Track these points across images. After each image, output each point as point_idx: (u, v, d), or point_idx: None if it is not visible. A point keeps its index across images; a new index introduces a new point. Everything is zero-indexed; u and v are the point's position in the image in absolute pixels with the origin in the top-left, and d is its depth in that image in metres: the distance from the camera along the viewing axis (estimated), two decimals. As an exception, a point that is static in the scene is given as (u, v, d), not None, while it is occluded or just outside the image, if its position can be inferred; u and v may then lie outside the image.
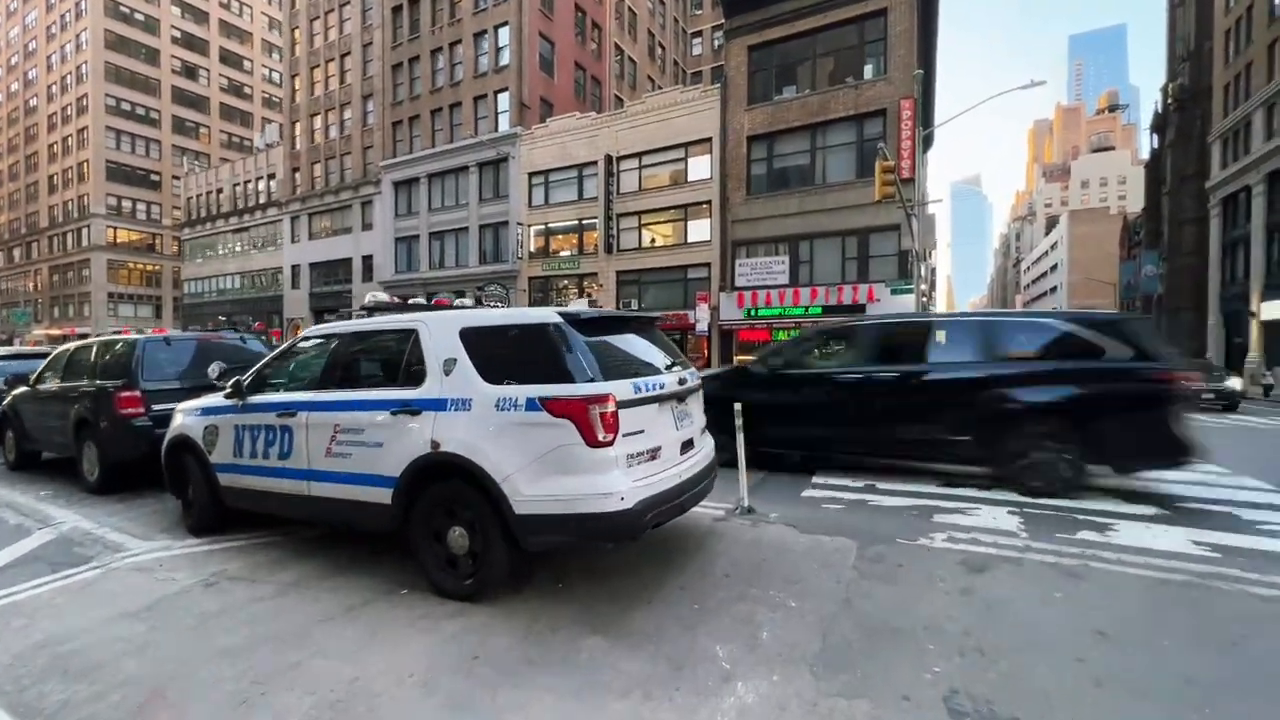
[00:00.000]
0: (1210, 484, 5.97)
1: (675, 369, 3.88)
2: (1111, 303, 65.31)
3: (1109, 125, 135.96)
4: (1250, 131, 33.03)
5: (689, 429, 3.85)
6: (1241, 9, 34.58)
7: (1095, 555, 3.85)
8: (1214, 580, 3.42)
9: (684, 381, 3.80)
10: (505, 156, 30.64)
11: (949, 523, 4.63)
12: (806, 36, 23.14)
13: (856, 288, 21.47)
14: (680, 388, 3.74)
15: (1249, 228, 32.85)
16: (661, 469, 3.43)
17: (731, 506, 5.12)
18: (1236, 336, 35.12)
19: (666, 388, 3.57)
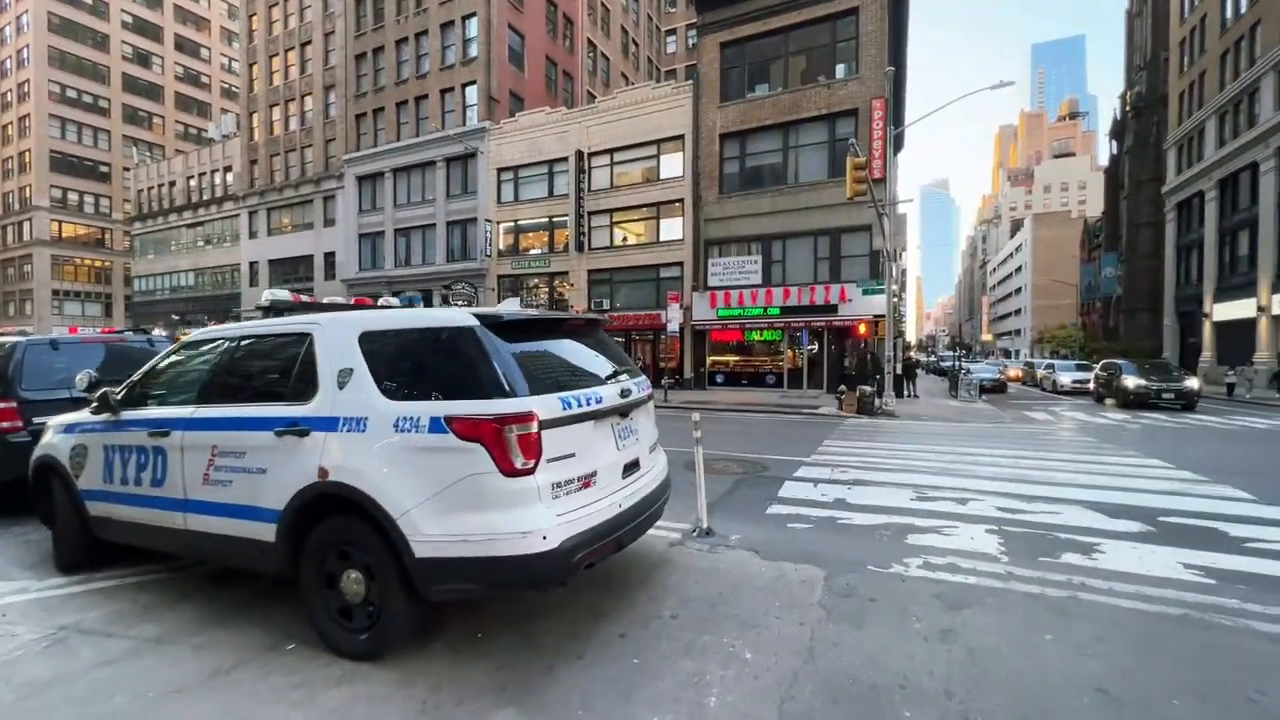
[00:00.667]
0: (1189, 493, 5.74)
1: (619, 379, 3.37)
2: (1073, 304, 67.26)
3: (1070, 132, 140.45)
4: (1203, 139, 34.10)
5: (634, 448, 3.35)
6: (1196, 19, 35.69)
7: (1083, 584, 3.48)
8: (1213, 614, 3.07)
9: (627, 393, 3.30)
10: (473, 151, 29.74)
11: (925, 544, 4.23)
12: (779, 34, 22.92)
13: (829, 288, 21.32)
14: (623, 401, 3.24)
15: (1202, 232, 33.90)
16: (597, 498, 2.92)
17: (689, 527, 4.65)
18: (1190, 337, 36.26)
19: (605, 401, 3.07)
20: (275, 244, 38.69)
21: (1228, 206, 31.98)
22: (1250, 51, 29.73)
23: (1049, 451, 8.61)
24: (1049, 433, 11.39)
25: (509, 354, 2.81)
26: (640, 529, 3.27)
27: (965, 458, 7.89)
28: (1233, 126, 31.22)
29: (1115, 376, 19.70)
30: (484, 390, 2.65)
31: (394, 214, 32.88)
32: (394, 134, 32.82)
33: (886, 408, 16.00)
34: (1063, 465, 7.29)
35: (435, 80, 31.30)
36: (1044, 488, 5.97)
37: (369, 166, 33.50)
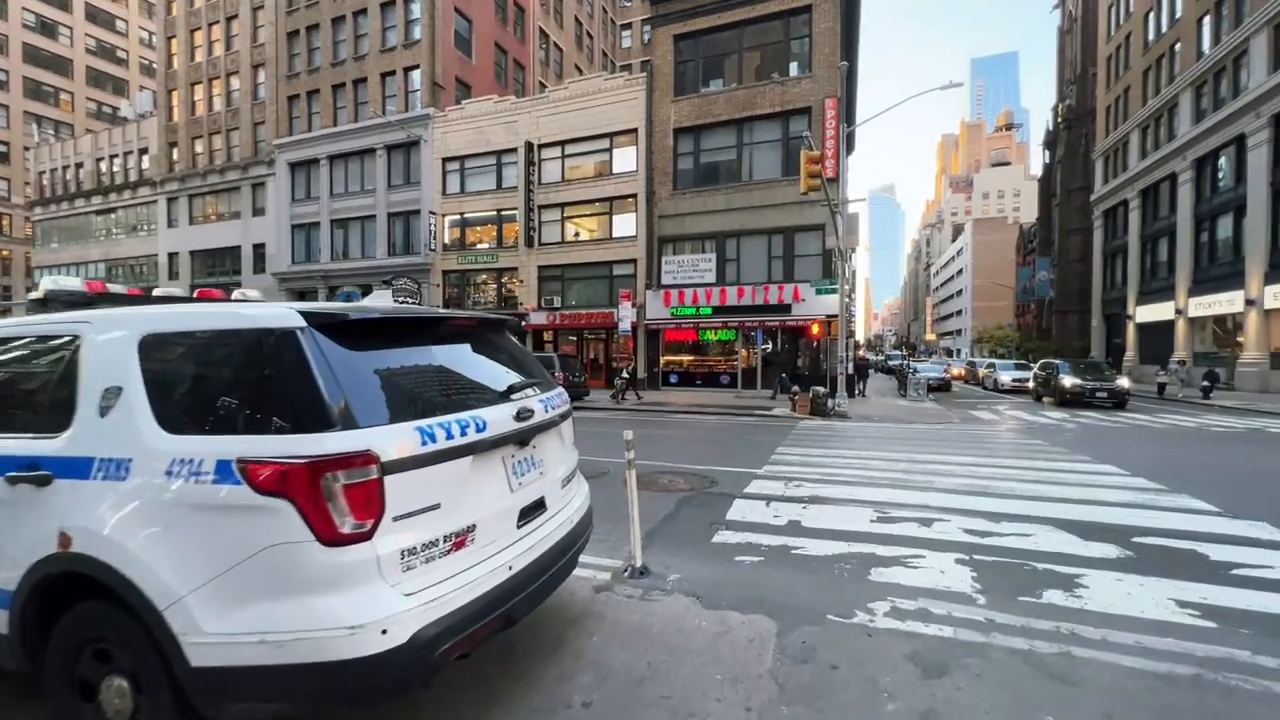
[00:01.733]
0: (1153, 505, 5.45)
1: (520, 395, 2.62)
2: (1010, 305, 70.58)
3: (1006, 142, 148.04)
4: (1128, 150, 36.06)
5: (536, 484, 2.61)
6: (1121, 37, 37.70)
7: (1074, 634, 2.96)
8: (1227, 673, 2.59)
9: (527, 415, 2.54)
10: (416, 140, 28.15)
11: (890, 581, 3.66)
12: (733, 29, 22.55)
13: (782, 287, 21.10)
14: (520, 425, 2.49)
15: (1127, 238, 35.85)
16: (474, 561, 2.17)
17: (621, 565, 3.94)
18: (1115, 337, 38.36)
19: (491, 429, 2.30)
20: (198, 234, 35.75)
21: (1149, 215, 33.89)
22: (1170, 69, 31.51)
23: (1004, 457, 8.37)
24: (998, 435, 11.31)
25: (351, 368, 2.02)
26: (545, 590, 2.52)
27: (922, 466, 7.51)
28: (1154, 139, 33.07)
29: (1053, 376, 20.28)
30: (299, 420, 1.85)
31: (330, 204, 30.84)
32: (330, 119, 30.77)
33: (839, 409, 15.80)
34: (1022, 474, 6.99)
35: (375, 63, 29.49)
36: (1008, 502, 5.57)
37: (303, 152, 31.29)
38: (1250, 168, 24.41)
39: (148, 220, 37.84)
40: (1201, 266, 28.33)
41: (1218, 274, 26.78)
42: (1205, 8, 28.13)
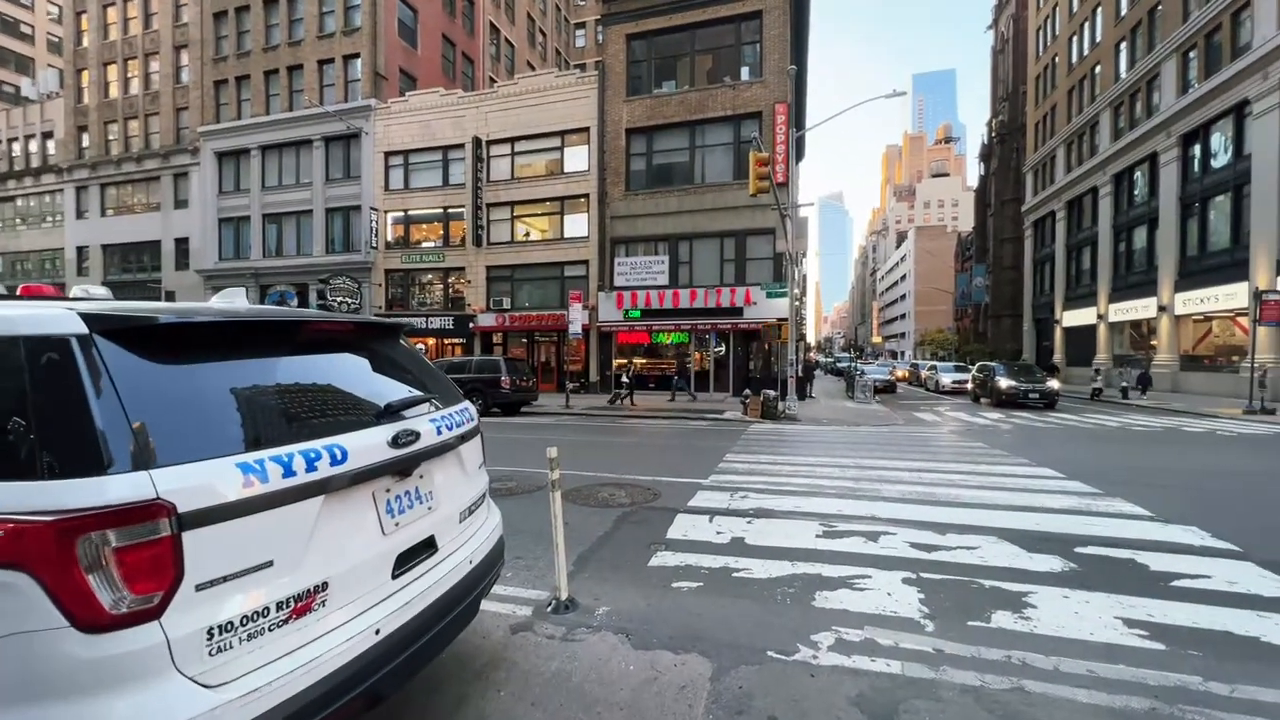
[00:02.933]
0: (1090, 511, 5.47)
1: (403, 415, 2.18)
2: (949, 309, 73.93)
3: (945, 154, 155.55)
4: (1054, 165, 38.27)
5: (421, 522, 2.17)
6: (1049, 58, 40.02)
7: (1025, 664, 2.75)
8: (1181, 705, 2.43)
9: (409, 439, 2.10)
10: (357, 132, 26.79)
11: (836, 607, 3.40)
12: (685, 31, 22.48)
13: (734, 290, 21.12)
14: (401, 451, 2.05)
15: (1054, 247, 38.03)
16: (325, 629, 1.72)
17: (545, 598, 3.53)
18: (1045, 340, 40.61)
19: (354, 459, 1.86)
20: (112, 226, 32.92)
21: (1074, 226, 36.03)
22: (1091, 89, 33.62)
23: (948, 462, 8.41)
24: (941, 437, 11.50)
25: (154, 388, 1.55)
26: (429, 651, 2.09)
27: (870, 472, 7.42)
28: (1078, 155, 35.20)
29: (990, 378, 21.11)
30: (60, 460, 1.37)
31: (262, 197, 28.98)
32: (262, 106, 28.91)
33: (789, 411, 15.84)
34: (965, 479, 6.98)
35: (312, 49, 27.90)
36: (954, 511, 5.47)
37: (231, 141, 29.30)
38: (1162, 184, 26.23)
39: (53, 210, 34.59)
40: (1120, 275, 30.26)
41: (1134, 282, 28.67)
42: (1122, 33, 30.12)
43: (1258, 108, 20.66)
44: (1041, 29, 41.47)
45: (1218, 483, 7.02)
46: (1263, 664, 2.75)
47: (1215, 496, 6.20)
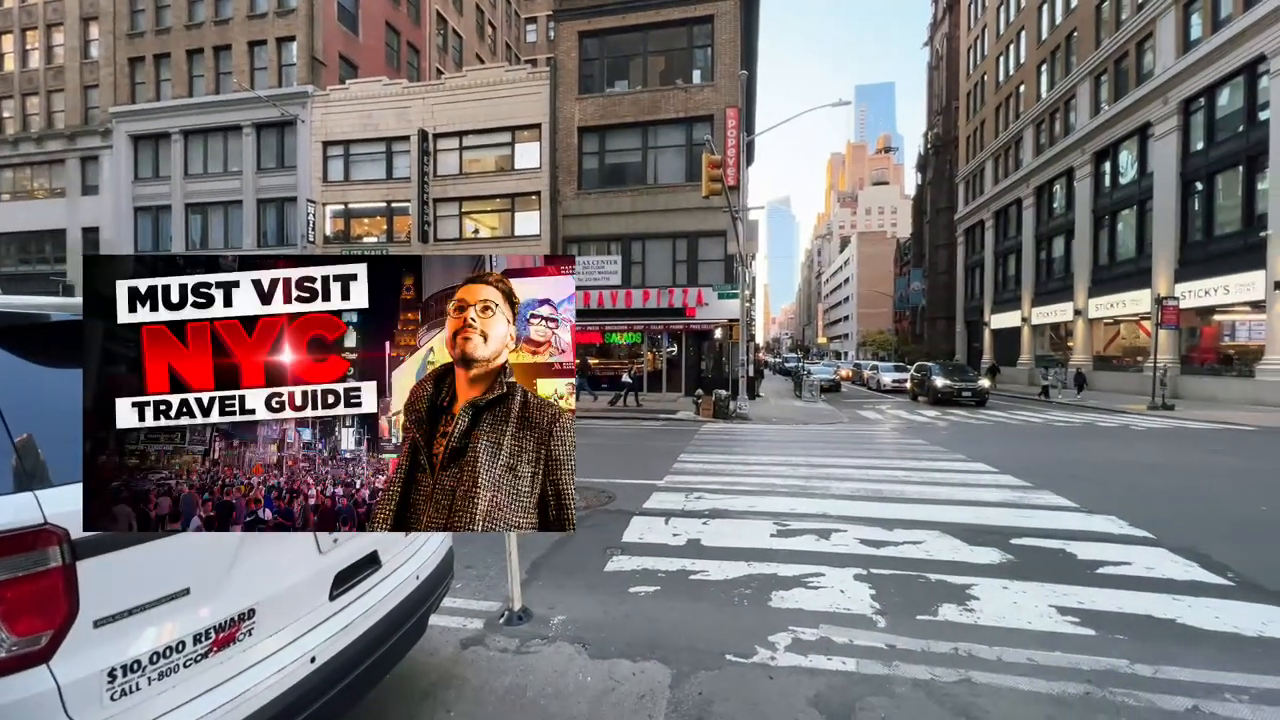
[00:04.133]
0: (1023, 504, 5.80)
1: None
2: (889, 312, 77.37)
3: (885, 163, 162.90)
4: (984, 176, 40.70)
5: (362, 537, 2.02)
6: (978, 76, 42.52)
7: (971, 655, 2.85)
8: (1112, 688, 2.57)
9: (350, 449, 1.95)
10: (292, 119, 25.35)
11: (792, 607, 3.43)
12: (638, 31, 22.49)
13: (686, 291, 21.30)
14: (339, 462, 1.89)
15: (984, 254, 40.45)
16: (251, 661, 1.55)
17: (498, 608, 3.39)
18: (975, 341, 43.12)
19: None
20: (8, 213, 29.85)
21: (1001, 234, 38.39)
22: (1016, 107, 35.93)
23: (892, 458, 8.75)
24: (885, 434, 11.98)
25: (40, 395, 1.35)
26: (371, 677, 1.94)
27: (820, 470, 7.61)
28: (1004, 168, 37.54)
29: (927, 377, 22.20)
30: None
31: (185, 185, 26.99)
32: (185, 88, 26.92)
33: (741, 411, 16.11)
34: (908, 475, 7.27)
35: (241, 29, 26.21)
36: (899, 507, 5.68)
37: (149, 124, 27.14)
38: (1077, 197, 28.35)
39: (-65, 193, 30.97)
40: (1041, 281, 32.50)
41: (1054, 287, 30.85)
42: (1043, 56, 32.36)
43: (1158, 130, 22.64)
44: (972, 48, 44.02)
45: (1131, 474, 7.61)
46: (1180, 645, 2.96)
47: (1130, 487, 6.70)
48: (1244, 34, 18.57)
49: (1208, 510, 5.72)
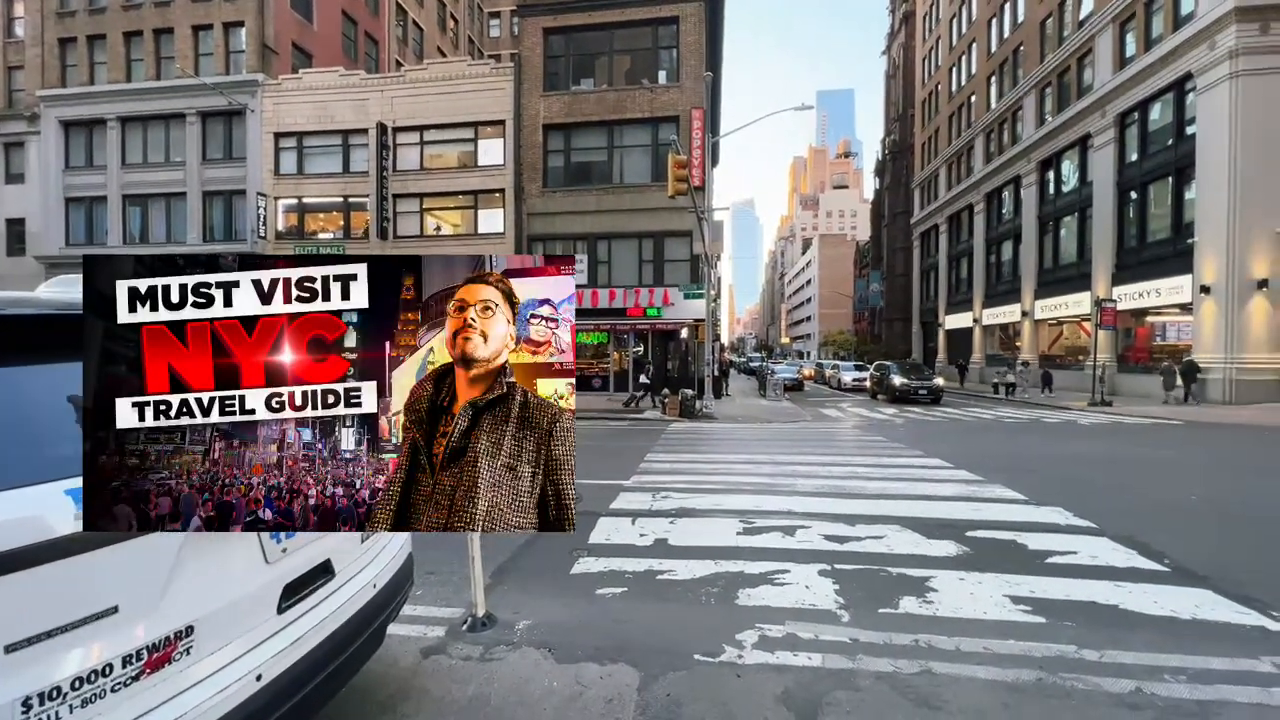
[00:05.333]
0: (976, 497, 6.02)
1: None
2: (849, 312, 79.44)
3: (845, 168, 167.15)
4: (938, 183, 42.22)
5: (315, 544, 1.92)
6: (932, 85, 44.07)
7: (931, 646, 2.93)
8: (1063, 673, 2.68)
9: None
10: (241, 108, 24.24)
11: (759, 604, 3.45)
12: (603, 30, 22.40)
13: (653, 290, 21.33)
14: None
15: (938, 257, 41.96)
16: (189, 682, 1.45)
17: (460, 615, 3.29)
18: (930, 341, 44.70)
19: (230, 479, 1.59)
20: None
21: (954, 238, 39.90)
22: (968, 117, 37.39)
23: (853, 455, 8.96)
24: (846, 432, 12.27)
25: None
26: (325, 692, 1.84)
27: (784, 468, 7.73)
28: (957, 175, 39.02)
29: (886, 376, 22.88)
30: None
31: (122, 176, 25.47)
32: (122, 72, 25.40)
33: (707, 410, 16.23)
34: (869, 472, 7.46)
35: (184, 12, 24.90)
36: (861, 503, 5.81)
37: (82, 110, 25.50)
38: (1024, 204, 29.71)
39: None
40: (991, 283, 33.92)
41: (1003, 290, 32.24)
42: (992, 68, 33.78)
43: (1097, 141, 23.94)
44: (927, 59, 45.62)
45: (1074, 468, 8.00)
46: (1123, 629, 3.11)
47: (1074, 480, 7.05)
48: (1174, 53, 19.81)
49: (1144, 501, 6.06)
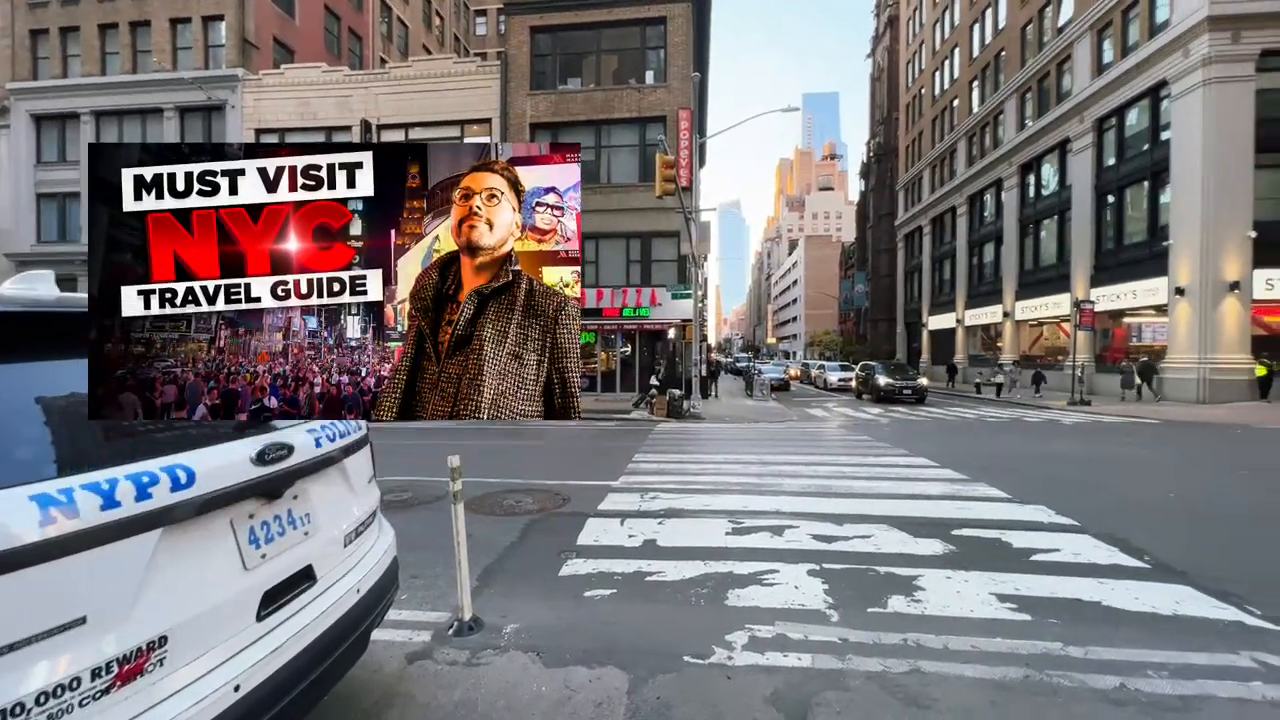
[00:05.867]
0: (961, 496, 6.08)
1: (274, 425, 1.85)
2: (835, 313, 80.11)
3: (830, 169, 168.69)
4: (922, 185, 42.76)
5: (295, 550, 1.86)
6: (917, 89, 44.62)
7: (920, 645, 2.94)
8: (1049, 671, 2.70)
9: (280, 453, 1.79)
10: (221, 104, 23.81)
11: (748, 605, 3.44)
12: (591, 29, 22.35)
13: (640, 290, 21.33)
14: (269, 469, 1.73)
15: (921, 259, 42.48)
16: (164, 694, 1.39)
17: (447, 619, 3.24)
18: (914, 341, 45.24)
19: (204, 481, 1.53)
20: (-121, 196, 26.54)
21: (937, 240, 40.42)
22: (951, 120, 37.90)
23: (840, 455, 9.02)
24: (832, 432, 12.36)
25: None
26: (307, 700, 1.79)
27: (772, 468, 7.75)
28: (940, 177, 39.54)
29: (871, 376, 23.10)
30: None
31: (96, 171, 24.77)
32: (96, 65, 24.81)
33: (694, 410, 16.25)
34: (855, 471, 7.51)
35: (162, 5, 24.39)
36: (848, 502, 5.84)
37: (55, 103, 24.86)
38: (1005, 206, 30.19)
39: None
40: (974, 284, 34.42)
41: (985, 291, 32.73)
42: (974, 73, 34.29)
43: (1076, 146, 24.40)
44: (911, 62, 46.18)
45: (1056, 465, 8.13)
46: (1107, 626, 3.15)
47: (1055, 478, 7.16)
48: (1149, 60, 20.26)
49: (1124, 499, 6.17)
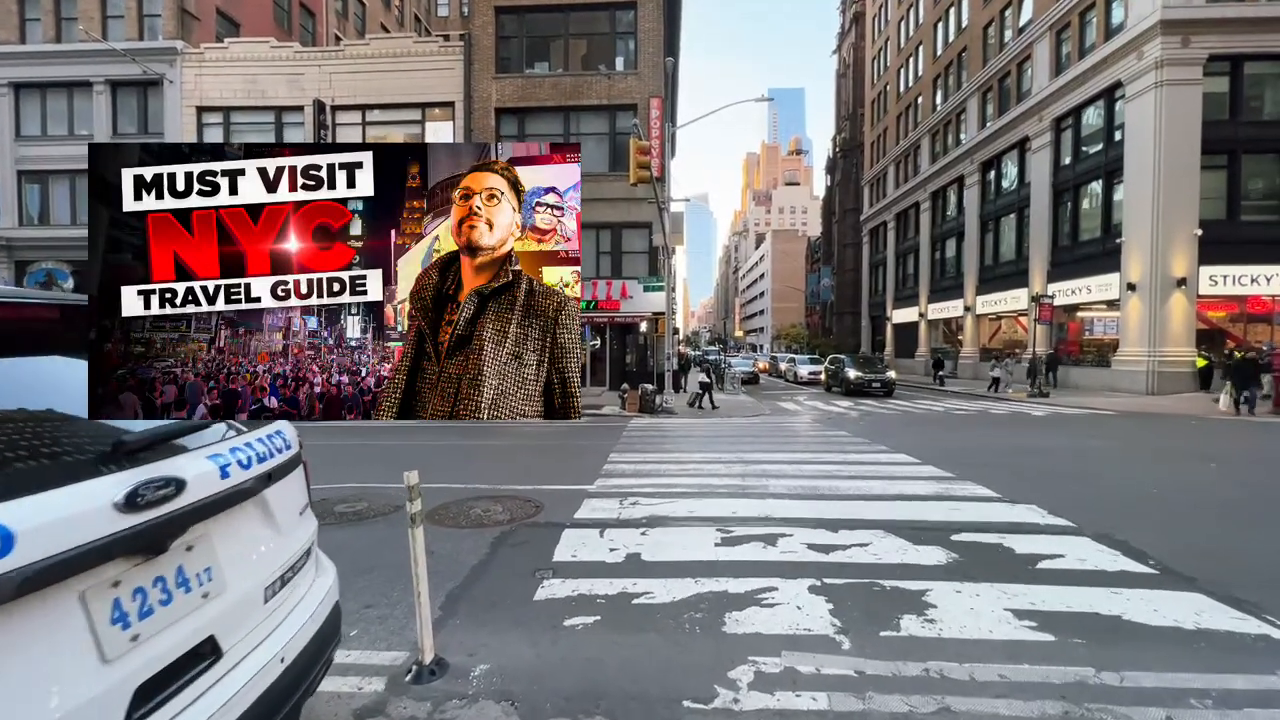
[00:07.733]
0: (950, 495, 5.90)
1: (157, 452, 1.37)
2: (801, 306, 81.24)
3: (796, 165, 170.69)
4: (886, 181, 43.44)
5: (187, 620, 1.39)
6: (881, 86, 45.23)
7: (944, 677, 2.64)
8: (1090, 705, 2.45)
9: (164, 492, 1.31)
10: (158, 78, 22.08)
11: (749, 631, 3.09)
12: (559, 11, 21.59)
13: (610, 283, 20.86)
14: (144, 517, 1.26)
15: (886, 253, 43.24)
16: None
17: (404, 661, 2.78)
18: (878, 335, 46.11)
19: (32, 544, 1.05)
20: None
21: (901, 235, 41.17)
22: (915, 117, 38.52)
23: (821, 452, 8.83)
24: (808, 426, 12.23)
25: None
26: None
27: (754, 468, 7.46)
28: (904, 173, 40.21)
29: (840, 369, 23.27)
30: None
31: (16, 149, 22.82)
32: (14, 32, 22.67)
33: (666, 405, 15.94)
34: (840, 469, 7.30)
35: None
36: (839, 505, 5.58)
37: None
38: (967, 203, 30.85)
39: None
40: (936, 279, 35.17)
41: (947, 285, 33.47)
42: (938, 71, 34.87)
43: (1035, 144, 25.01)
44: (876, 59, 46.76)
45: (1034, 459, 8.12)
46: (1133, 645, 2.93)
47: (1039, 473, 7.09)
48: (1105, 61, 20.82)
49: (1109, 494, 6.11)
